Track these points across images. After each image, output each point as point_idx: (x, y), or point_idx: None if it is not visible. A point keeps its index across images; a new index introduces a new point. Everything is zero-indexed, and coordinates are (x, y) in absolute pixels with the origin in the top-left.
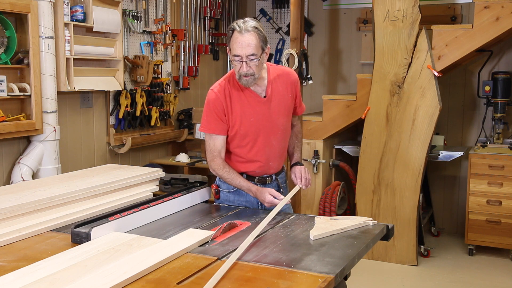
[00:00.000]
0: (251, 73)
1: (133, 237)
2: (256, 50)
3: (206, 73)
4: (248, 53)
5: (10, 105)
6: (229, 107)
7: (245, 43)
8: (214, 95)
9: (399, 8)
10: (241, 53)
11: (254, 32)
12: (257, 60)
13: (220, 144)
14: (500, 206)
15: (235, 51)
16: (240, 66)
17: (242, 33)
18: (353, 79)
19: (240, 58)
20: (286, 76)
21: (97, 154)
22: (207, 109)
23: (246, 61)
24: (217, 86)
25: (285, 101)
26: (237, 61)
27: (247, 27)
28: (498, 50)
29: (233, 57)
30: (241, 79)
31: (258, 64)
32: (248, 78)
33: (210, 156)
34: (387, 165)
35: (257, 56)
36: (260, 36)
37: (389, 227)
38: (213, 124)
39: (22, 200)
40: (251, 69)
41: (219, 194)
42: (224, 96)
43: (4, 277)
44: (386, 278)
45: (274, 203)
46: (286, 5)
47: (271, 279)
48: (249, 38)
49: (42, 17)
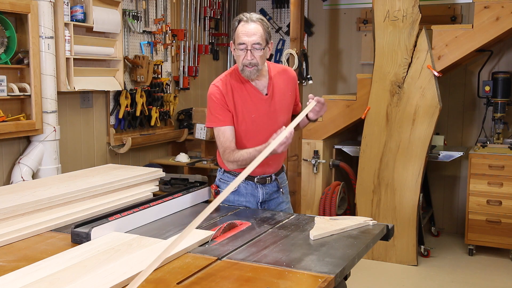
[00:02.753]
0: (255, 62)
1: (133, 237)
2: (261, 40)
3: (206, 73)
4: (254, 41)
5: (10, 105)
6: (230, 101)
7: (251, 31)
8: (216, 88)
9: (399, 8)
10: (246, 41)
11: (260, 23)
12: (262, 50)
13: (230, 134)
14: (500, 206)
15: (241, 39)
16: (245, 55)
17: (248, 22)
18: (353, 79)
19: (245, 46)
20: (286, 74)
21: (97, 154)
22: (210, 103)
23: (251, 49)
24: (218, 81)
25: (286, 98)
26: (242, 50)
27: (253, 18)
28: (498, 50)
29: (238, 45)
30: (244, 70)
31: (262, 54)
32: (252, 68)
33: (221, 150)
34: (387, 165)
35: (262, 46)
36: (265, 27)
37: (389, 227)
38: (220, 116)
39: (22, 200)
40: (255, 58)
41: (218, 194)
42: (226, 90)
43: (4, 277)
44: (386, 278)
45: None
46: (286, 5)
47: (271, 279)
48: (255, 27)
49: (42, 17)
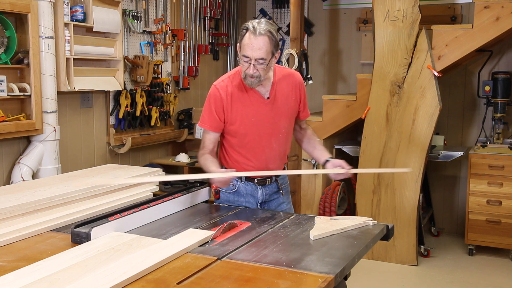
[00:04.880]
0: (257, 75)
1: (133, 237)
2: (266, 55)
3: (206, 73)
4: (258, 57)
5: (10, 105)
6: (229, 105)
7: (257, 46)
8: (216, 91)
9: (399, 8)
10: (250, 55)
11: (268, 37)
12: (265, 65)
13: (211, 138)
14: (500, 206)
15: (245, 51)
16: (248, 67)
17: (255, 35)
18: (353, 79)
19: (248, 59)
20: (291, 78)
21: (97, 154)
22: (207, 104)
23: (254, 63)
24: (220, 82)
25: (288, 103)
26: (245, 62)
27: (261, 30)
28: (498, 50)
29: (242, 56)
30: (246, 79)
31: (265, 68)
32: (253, 79)
33: (201, 146)
34: (387, 165)
35: (266, 61)
36: (272, 41)
37: (389, 227)
38: (209, 119)
39: (22, 200)
40: (258, 72)
41: (219, 194)
42: (226, 93)
43: (4, 277)
44: (386, 278)
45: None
46: (286, 5)
47: (271, 279)
48: (261, 42)
49: (42, 17)
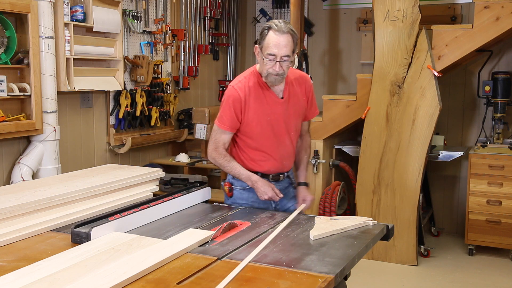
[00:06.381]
0: (281, 73)
1: (133, 237)
2: (290, 52)
3: (206, 73)
4: (284, 54)
5: (10, 105)
6: (247, 105)
7: (283, 43)
8: (235, 91)
9: (399, 8)
10: (277, 53)
11: (291, 35)
12: (290, 62)
13: (227, 138)
14: (500, 206)
15: (271, 50)
16: (273, 65)
17: (280, 33)
18: (353, 79)
19: (274, 57)
20: (302, 80)
21: (97, 154)
22: (226, 105)
23: (280, 61)
24: (237, 83)
25: (299, 103)
26: (271, 60)
27: (285, 29)
28: (498, 50)
29: (266, 55)
30: (269, 77)
31: (289, 65)
32: (277, 77)
33: (213, 146)
34: (387, 165)
35: (290, 58)
36: (295, 39)
37: (389, 227)
38: (227, 121)
39: (22, 200)
40: (282, 69)
41: (232, 191)
42: (244, 94)
43: (4, 277)
44: (386, 278)
45: (273, 199)
46: (286, 5)
47: (271, 279)
48: (287, 39)
49: (42, 17)
